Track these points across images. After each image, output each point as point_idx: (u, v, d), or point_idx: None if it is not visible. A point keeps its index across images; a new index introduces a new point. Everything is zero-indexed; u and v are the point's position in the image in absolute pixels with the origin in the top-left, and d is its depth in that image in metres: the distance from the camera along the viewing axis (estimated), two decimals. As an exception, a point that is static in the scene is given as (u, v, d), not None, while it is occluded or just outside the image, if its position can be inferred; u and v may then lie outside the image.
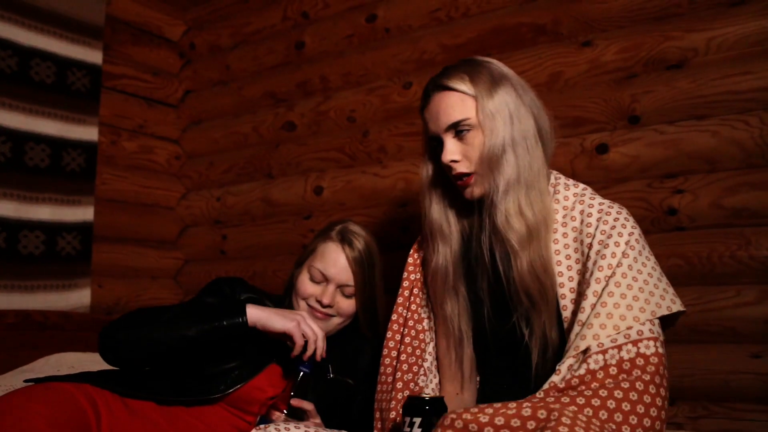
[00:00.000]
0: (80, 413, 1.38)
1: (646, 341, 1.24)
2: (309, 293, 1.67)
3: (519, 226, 1.38)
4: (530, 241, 1.39)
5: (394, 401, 1.49)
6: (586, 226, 1.40)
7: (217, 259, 2.89)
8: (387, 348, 1.60)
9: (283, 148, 2.73)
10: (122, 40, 2.86)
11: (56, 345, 2.24)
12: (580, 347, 1.26)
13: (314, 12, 2.70)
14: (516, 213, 1.39)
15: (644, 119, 1.94)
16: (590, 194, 1.46)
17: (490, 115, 1.38)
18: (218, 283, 1.72)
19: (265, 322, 1.49)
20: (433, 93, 1.45)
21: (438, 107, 1.43)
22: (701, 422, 1.79)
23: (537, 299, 1.39)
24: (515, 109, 1.40)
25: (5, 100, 2.38)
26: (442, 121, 1.42)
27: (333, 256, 1.68)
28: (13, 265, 2.37)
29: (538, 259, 1.39)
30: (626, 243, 1.34)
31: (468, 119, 1.40)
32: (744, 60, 1.82)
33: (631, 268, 1.31)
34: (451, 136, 1.42)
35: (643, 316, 1.27)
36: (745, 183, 1.79)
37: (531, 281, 1.39)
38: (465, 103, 1.41)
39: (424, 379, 1.53)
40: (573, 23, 2.09)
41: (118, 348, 1.51)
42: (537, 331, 1.40)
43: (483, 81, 1.41)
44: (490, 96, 1.39)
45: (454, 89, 1.42)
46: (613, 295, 1.29)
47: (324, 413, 1.55)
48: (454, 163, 1.42)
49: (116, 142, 2.80)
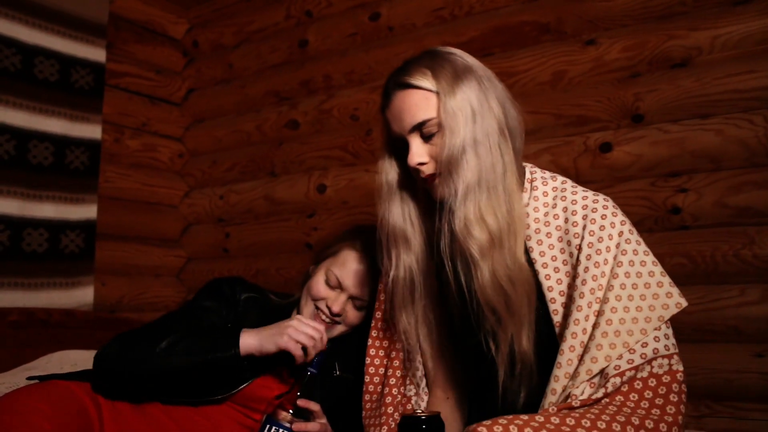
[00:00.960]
0: (83, 411, 1.38)
1: (660, 359, 1.20)
2: (321, 296, 1.66)
3: (479, 233, 1.27)
4: (492, 250, 1.28)
5: (385, 416, 1.47)
6: (572, 225, 1.31)
7: (220, 257, 2.89)
8: (368, 375, 1.56)
9: (286, 146, 2.73)
10: (126, 38, 2.86)
11: (59, 343, 2.24)
12: (593, 371, 1.20)
13: (318, 10, 2.70)
14: (476, 219, 1.28)
15: (648, 118, 1.94)
16: (571, 187, 1.37)
17: (452, 113, 1.29)
18: (217, 284, 1.71)
19: (259, 349, 1.46)
20: (395, 91, 1.36)
21: (401, 107, 1.34)
22: (705, 421, 1.78)
23: (502, 313, 1.29)
24: (478, 105, 1.30)
25: (9, 99, 2.38)
26: (406, 122, 1.33)
27: (354, 266, 1.66)
28: (17, 262, 2.37)
29: (502, 269, 1.28)
30: (617, 246, 1.27)
31: (432, 119, 1.31)
32: (748, 59, 1.81)
33: (628, 275, 1.25)
34: (417, 137, 1.33)
35: (649, 326, 1.22)
36: (749, 182, 1.78)
37: (493, 294, 1.28)
38: (428, 101, 1.31)
39: (416, 399, 1.50)
40: (576, 22, 2.09)
41: (113, 380, 1.49)
42: (503, 347, 1.30)
43: (445, 76, 1.31)
44: (452, 93, 1.30)
45: (416, 86, 1.32)
46: (616, 310, 1.23)
47: (329, 412, 1.55)
48: (421, 166, 1.33)
49: (119, 140, 2.80)
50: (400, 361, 1.52)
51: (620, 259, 1.26)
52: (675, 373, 1.20)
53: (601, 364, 1.20)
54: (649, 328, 1.22)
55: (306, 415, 1.48)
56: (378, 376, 1.55)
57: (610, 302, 1.23)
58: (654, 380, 1.19)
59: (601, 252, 1.27)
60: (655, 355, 1.20)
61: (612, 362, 1.20)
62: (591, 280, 1.25)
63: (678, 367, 1.21)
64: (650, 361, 1.20)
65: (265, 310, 1.71)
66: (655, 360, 1.20)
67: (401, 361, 1.52)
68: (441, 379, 1.50)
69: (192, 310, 1.66)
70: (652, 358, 1.20)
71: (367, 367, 1.56)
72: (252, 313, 1.68)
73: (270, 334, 1.47)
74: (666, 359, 1.21)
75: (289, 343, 1.45)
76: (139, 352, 1.47)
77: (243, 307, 1.68)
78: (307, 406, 1.49)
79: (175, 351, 1.45)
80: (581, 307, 1.25)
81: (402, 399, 1.49)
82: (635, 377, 1.19)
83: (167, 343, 1.46)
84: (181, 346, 1.46)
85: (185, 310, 1.67)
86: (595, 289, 1.25)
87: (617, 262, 1.26)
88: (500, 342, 1.30)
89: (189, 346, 1.46)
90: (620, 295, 1.24)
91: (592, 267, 1.26)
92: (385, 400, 1.49)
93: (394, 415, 1.47)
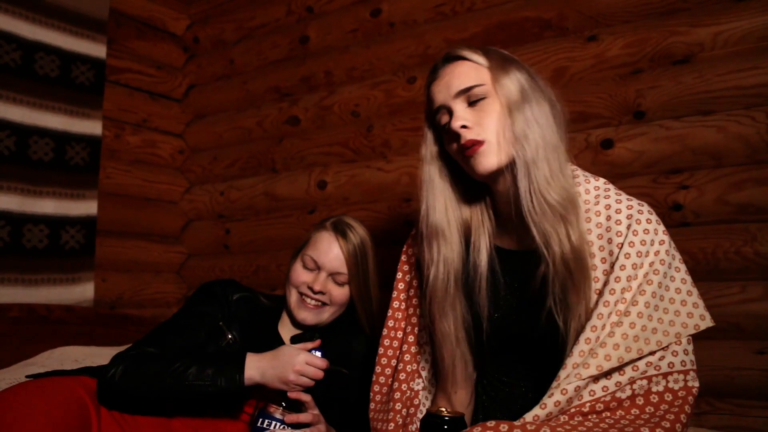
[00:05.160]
0: (82, 408, 1.38)
1: (676, 374, 1.20)
2: (301, 281, 1.70)
3: (560, 189, 1.26)
4: (571, 212, 1.27)
5: (392, 412, 1.46)
6: (615, 223, 1.30)
7: (221, 254, 2.89)
8: (380, 365, 1.54)
9: (287, 142, 2.73)
10: (126, 34, 2.86)
11: (60, 339, 2.24)
12: (604, 367, 1.19)
13: (318, 6, 2.69)
14: (555, 175, 1.26)
15: (650, 114, 1.94)
16: (615, 190, 1.36)
17: (508, 87, 1.30)
18: (209, 287, 1.73)
19: (262, 382, 1.47)
20: (445, 64, 1.36)
21: (450, 75, 1.34)
22: (706, 418, 1.78)
23: (578, 279, 1.26)
24: (529, 88, 1.31)
25: (9, 94, 2.38)
26: (453, 87, 1.32)
27: (325, 244, 1.71)
28: (17, 258, 2.37)
29: (580, 237, 1.27)
30: (656, 254, 1.26)
31: (482, 85, 1.31)
32: (750, 55, 1.81)
33: (660, 286, 1.24)
34: (462, 103, 1.32)
35: (666, 339, 1.21)
36: (751, 179, 1.78)
37: (575, 260, 1.26)
38: (479, 70, 1.32)
39: (425, 393, 1.50)
40: (578, 18, 2.08)
41: (119, 402, 1.49)
42: (575, 317, 1.26)
43: (495, 57, 1.34)
44: (504, 70, 1.32)
45: (466, 58, 1.34)
46: (642, 316, 1.21)
47: (321, 404, 1.55)
48: (464, 130, 1.29)
49: (120, 136, 2.80)
50: (411, 355, 1.51)
51: (658, 267, 1.25)
52: (690, 389, 1.20)
53: (613, 363, 1.19)
54: (665, 342, 1.21)
55: (298, 407, 1.49)
56: (390, 368, 1.53)
57: (639, 306, 1.22)
58: (670, 395, 1.19)
59: (641, 255, 1.25)
60: (671, 369, 1.20)
61: (628, 368, 1.20)
62: (625, 280, 1.24)
63: (693, 384, 1.21)
64: (665, 375, 1.20)
65: (256, 309, 1.73)
66: (670, 375, 1.20)
67: (412, 355, 1.51)
68: (458, 376, 1.46)
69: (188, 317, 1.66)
70: (667, 372, 1.20)
71: (380, 357, 1.54)
72: (243, 312, 1.70)
73: (273, 370, 1.47)
74: (681, 375, 1.21)
75: (295, 389, 1.48)
76: (146, 380, 1.48)
77: (235, 307, 1.70)
78: (298, 397, 1.50)
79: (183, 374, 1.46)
80: (608, 302, 1.24)
81: (411, 394, 1.48)
82: (650, 390, 1.19)
83: (171, 372, 1.47)
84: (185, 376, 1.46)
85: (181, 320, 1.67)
86: (626, 289, 1.24)
87: (654, 270, 1.25)
88: (573, 313, 1.27)
89: (193, 376, 1.46)
90: (649, 302, 1.23)
91: (629, 267, 1.25)
92: (393, 395, 1.48)
93: (401, 412, 1.46)
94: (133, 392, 1.47)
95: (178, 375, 1.45)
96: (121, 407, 1.49)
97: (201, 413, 1.55)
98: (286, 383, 1.46)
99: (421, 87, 2.38)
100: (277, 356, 1.49)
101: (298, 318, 1.71)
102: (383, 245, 1.97)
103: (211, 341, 1.64)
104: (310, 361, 1.49)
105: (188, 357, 1.50)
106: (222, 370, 1.46)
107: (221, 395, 1.45)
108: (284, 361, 1.48)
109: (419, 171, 1.43)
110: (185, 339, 1.60)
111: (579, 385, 1.20)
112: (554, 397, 1.20)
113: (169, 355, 1.52)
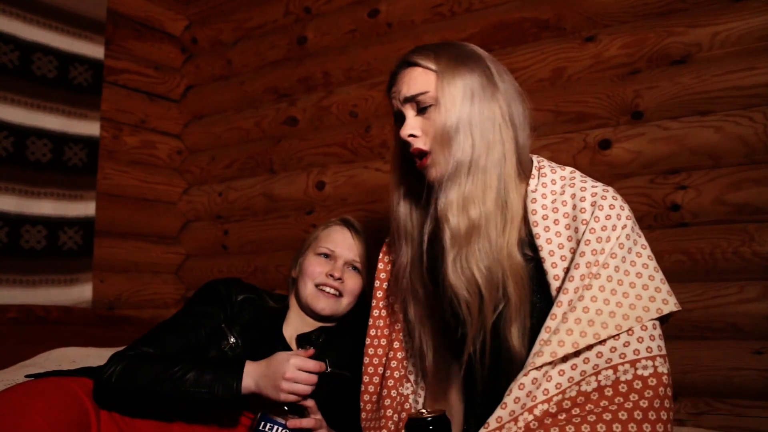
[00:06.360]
0: (81, 409, 1.37)
1: (644, 361, 1.17)
2: (319, 271, 1.72)
3: (456, 220, 1.26)
4: (469, 239, 1.26)
5: (384, 419, 1.45)
6: (580, 211, 1.29)
7: (219, 255, 2.89)
8: (367, 374, 1.53)
9: (285, 143, 2.73)
10: (124, 34, 2.85)
11: (58, 340, 2.23)
12: (558, 354, 1.17)
13: (316, 7, 2.69)
14: (457, 204, 1.26)
15: (647, 115, 1.94)
16: (580, 177, 1.36)
17: (449, 91, 1.29)
18: (213, 286, 1.72)
19: (258, 392, 1.43)
20: (399, 70, 1.37)
21: (401, 81, 1.35)
22: (703, 418, 1.78)
23: (473, 307, 1.26)
24: (480, 90, 1.29)
25: (7, 95, 2.38)
26: (401, 94, 1.34)
27: (339, 235, 1.77)
28: (15, 259, 2.37)
29: (479, 260, 1.26)
30: (617, 238, 1.24)
31: (427, 92, 1.31)
32: (748, 55, 1.81)
33: (617, 269, 1.22)
34: (412, 111, 1.34)
35: (626, 323, 1.18)
36: (749, 179, 1.78)
37: (461, 286, 1.26)
38: (427, 76, 1.32)
39: (414, 397, 1.49)
40: (576, 18, 2.08)
41: (115, 402, 1.48)
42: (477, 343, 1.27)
43: (448, 58, 1.32)
44: (452, 73, 1.30)
45: (417, 64, 1.34)
46: (596, 299, 1.20)
47: (324, 408, 1.55)
48: (412, 138, 1.32)
49: (118, 136, 2.80)
50: (398, 361, 1.50)
51: (615, 251, 1.23)
52: (660, 376, 1.17)
53: (567, 349, 1.17)
54: (625, 326, 1.18)
55: (301, 411, 1.47)
56: (377, 376, 1.53)
57: (593, 290, 1.21)
58: (639, 382, 1.16)
59: (601, 240, 1.24)
60: (637, 356, 1.17)
61: (591, 355, 1.18)
62: (584, 267, 1.23)
63: (663, 370, 1.18)
64: (633, 362, 1.17)
65: (260, 310, 1.71)
66: (638, 362, 1.17)
67: (398, 361, 1.50)
68: (440, 375, 1.48)
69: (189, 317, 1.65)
70: (634, 360, 1.17)
71: (366, 366, 1.54)
72: (246, 314, 1.69)
73: (266, 378, 1.43)
74: (650, 361, 1.18)
75: (288, 397, 1.42)
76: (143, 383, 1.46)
77: (238, 308, 1.69)
78: (301, 401, 1.48)
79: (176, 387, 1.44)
80: (567, 290, 1.22)
81: (400, 399, 1.48)
82: (618, 380, 1.16)
83: (169, 376, 1.45)
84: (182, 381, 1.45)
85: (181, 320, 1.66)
86: (585, 275, 1.22)
87: (611, 254, 1.23)
88: (474, 338, 1.27)
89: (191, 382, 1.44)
90: (604, 286, 1.21)
91: (589, 253, 1.23)
92: (384, 402, 1.48)
93: (393, 418, 1.46)
94: (130, 394, 1.45)
95: (176, 380, 1.44)
96: (118, 408, 1.48)
97: (202, 418, 1.54)
98: (278, 391, 1.40)
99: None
100: (270, 363, 1.44)
101: (316, 308, 1.70)
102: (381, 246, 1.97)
103: (212, 343, 1.62)
104: (302, 366, 1.42)
105: (187, 361, 1.48)
106: (220, 377, 1.43)
107: (217, 403, 1.43)
108: (275, 368, 1.42)
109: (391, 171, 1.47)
110: (185, 339, 1.59)
111: (536, 377, 1.18)
112: (513, 394, 1.19)
113: (168, 357, 1.51)
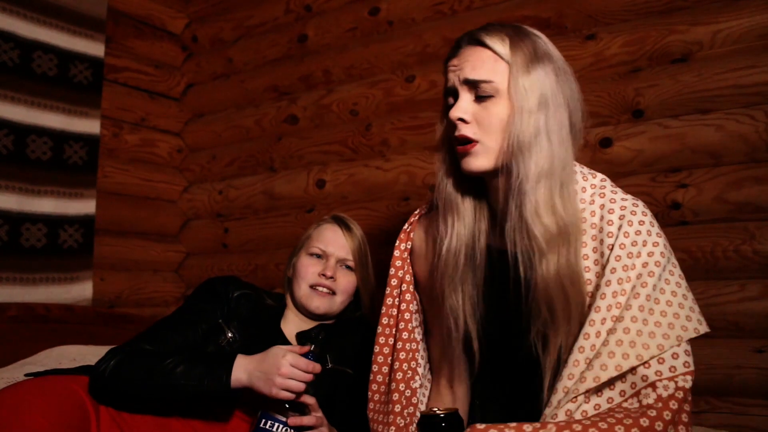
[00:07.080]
0: (80, 408, 1.37)
1: (665, 381, 1.15)
2: (311, 271, 1.73)
3: (550, 222, 1.20)
4: (560, 243, 1.21)
5: (392, 415, 1.44)
6: (607, 223, 1.24)
7: (219, 253, 2.89)
8: (377, 364, 1.50)
9: (285, 141, 2.72)
10: (125, 32, 2.85)
11: (58, 338, 2.23)
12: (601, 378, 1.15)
13: (317, 5, 2.69)
14: (547, 207, 1.20)
15: (648, 113, 1.94)
16: (611, 187, 1.31)
17: (523, 91, 1.20)
18: (210, 284, 1.73)
19: (249, 386, 1.41)
20: (465, 45, 1.27)
21: (465, 58, 1.25)
22: (704, 417, 1.78)
23: (558, 314, 1.21)
24: (552, 94, 1.22)
25: (7, 93, 2.37)
26: (464, 71, 1.24)
27: (330, 233, 1.78)
28: (16, 258, 2.36)
29: (567, 266, 1.21)
30: (649, 255, 1.20)
31: (492, 82, 1.22)
32: (749, 54, 1.81)
33: (655, 288, 1.18)
34: (468, 94, 1.24)
35: (666, 343, 1.16)
36: (750, 177, 1.78)
37: (555, 290, 1.20)
38: (496, 65, 1.22)
39: (422, 390, 1.48)
40: (577, 16, 2.08)
41: (110, 397, 1.47)
42: (553, 352, 1.22)
43: (524, 51, 1.22)
44: (526, 70, 1.21)
45: (489, 47, 1.23)
46: (636, 320, 1.16)
47: (325, 406, 1.55)
48: (461, 123, 1.24)
49: (118, 135, 2.79)
50: (407, 353, 1.47)
51: (652, 269, 1.20)
52: (687, 391, 1.16)
53: (611, 373, 1.15)
54: (666, 345, 1.16)
55: (301, 409, 1.47)
56: (386, 366, 1.50)
57: (633, 310, 1.17)
58: (675, 403, 1.14)
59: (632, 256, 1.20)
60: (673, 374, 1.15)
61: (628, 374, 1.16)
62: (616, 283, 1.19)
63: (688, 385, 1.16)
64: (672, 378, 1.15)
65: (257, 306, 1.72)
66: (676, 378, 1.15)
67: (407, 353, 1.47)
68: (460, 369, 1.43)
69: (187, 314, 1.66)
70: (672, 377, 1.15)
71: (376, 356, 1.51)
72: (244, 309, 1.69)
73: (260, 373, 1.41)
74: (672, 382, 1.16)
75: (280, 393, 1.39)
76: (135, 376, 1.45)
77: (235, 304, 1.70)
78: (302, 399, 1.48)
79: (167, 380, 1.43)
80: (599, 308, 1.19)
81: (409, 393, 1.46)
82: (660, 396, 1.14)
83: (160, 369, 1.44)
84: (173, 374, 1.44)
85: (180, 317, 1.66)
86: (618, 293, 1.19)
87: (648, 272, 1.19)
88: (550, 345, 1.22)
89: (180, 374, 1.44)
90: (643, 305, 1.17)
91: (620, 270, 1.20)
92: (392, 396, 1.45)
93: (402, 413, 1.44)
94: (122, 388, 1.45)
95: (167, 373, 1.43)
96: (113, 403, 1.47)
97: (201, 414, 1.54)
98: (271, 386, 1.38)
99: (420, 85, 2.38)
100: (265, 358, 1.42)
101: (311, 307, 1.71)
102: (382, 244, 1.97)
103: (211, 339, 1.63)
104: (296, 363, 1.40)
105: (180, 355, 1.47)
106: (210, 370, 1.42)
107: (207, 396, 1.42)
108: (270, 363, 1.40)
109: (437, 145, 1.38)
110: (183, 336, 1.59)
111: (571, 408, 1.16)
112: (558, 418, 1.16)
113: (164, 352, 1.50)
